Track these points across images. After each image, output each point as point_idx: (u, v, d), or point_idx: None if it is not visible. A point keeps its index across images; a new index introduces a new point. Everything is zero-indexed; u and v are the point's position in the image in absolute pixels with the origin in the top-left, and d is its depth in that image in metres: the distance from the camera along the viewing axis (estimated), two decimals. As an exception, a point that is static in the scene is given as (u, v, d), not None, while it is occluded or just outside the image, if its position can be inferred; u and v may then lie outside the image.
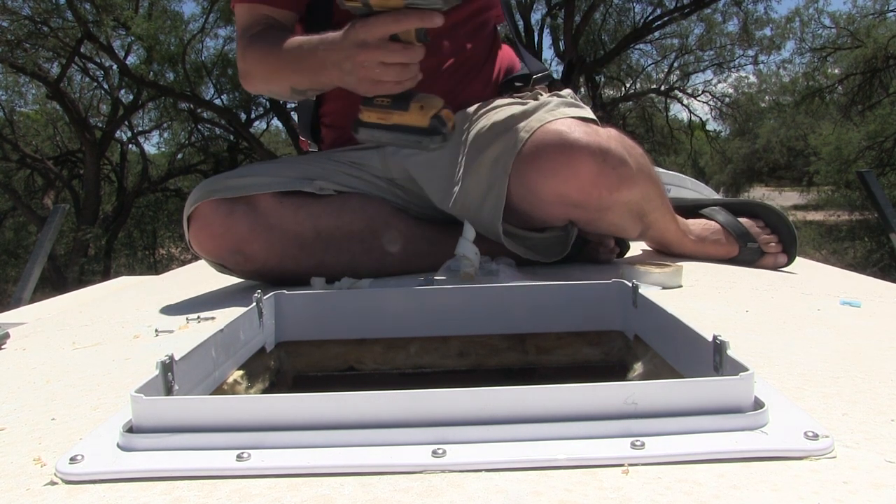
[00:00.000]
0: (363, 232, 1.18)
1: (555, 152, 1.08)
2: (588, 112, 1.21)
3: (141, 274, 7.71)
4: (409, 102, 1.02)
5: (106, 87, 10.67)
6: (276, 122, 11.86)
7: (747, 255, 1.32)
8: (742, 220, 1.34)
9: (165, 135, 12.40)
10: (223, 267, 1.18)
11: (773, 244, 1.34)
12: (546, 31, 11.08)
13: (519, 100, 1.25)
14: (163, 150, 13.24)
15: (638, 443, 0.43)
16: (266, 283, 1.21)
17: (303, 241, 1.14)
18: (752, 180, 19.81)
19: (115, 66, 9.90)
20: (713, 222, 1.34)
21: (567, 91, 1.29)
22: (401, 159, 1.24)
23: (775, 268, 1.34)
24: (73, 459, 0.44)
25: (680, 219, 1.29)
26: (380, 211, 1.22)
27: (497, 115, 1.20)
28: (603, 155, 1.07)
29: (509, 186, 1.13)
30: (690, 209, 1.37)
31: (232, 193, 1.13)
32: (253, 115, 11.13)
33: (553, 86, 1.38)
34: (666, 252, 1.34)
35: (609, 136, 1.10)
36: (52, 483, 0.43)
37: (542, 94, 1.27)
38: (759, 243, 1.33)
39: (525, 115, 1.16)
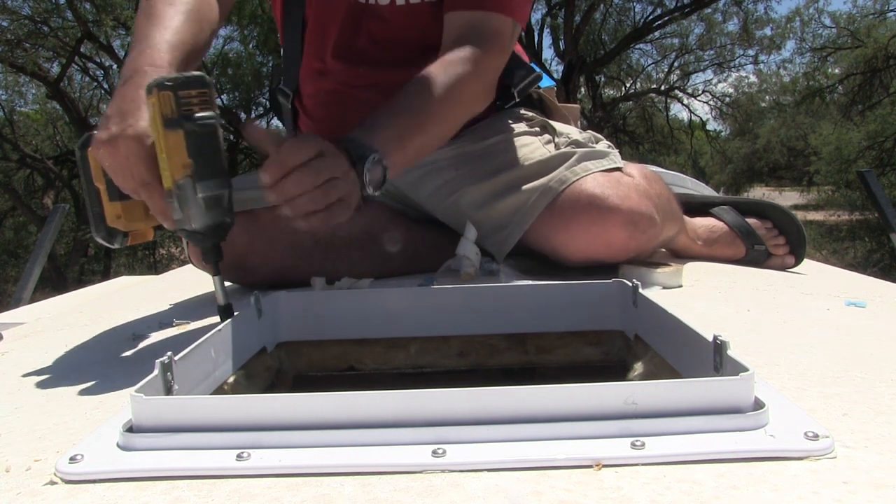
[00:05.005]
0: (362, 238, 1.17)
1: (587, 221, 1.06)
2: (603, 145, 1.17)
3: (141, 274, 7.70)
4: (129, 201, 0.88)
5: (106, 86, 10.66)
6: (276, 122, 11.86)
7: (754, 256, 1.32)
8: (750, 220, 1.33)
9: (165, 134, 12.38)
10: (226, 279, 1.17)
11: (781, 245, 1.33)
12: (546, 31, 11.08)
13: (527, 128, 1.21)
14: (163, 149, 13.22)
15: (638, 443, 0.43)
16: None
17: (301, 251, 1.12)
18: (752, 180, 19.81)
19: (115, 66, 9.89)
20: (720, 223, 1.33)
21: (574, 129, 1.23)
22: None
23: (783, 269, 1.33)
24: (73, 459, 0.44)
25: (688, 223, 1.28)
26: (378, 216, 1.21)
27: (513, 154, 1.16)
28: (635, 222, 1.05)
29: (528, 233, 1.10)
30: (699, 207, 1.37)
31: None
32: (253, 115, 11.13)
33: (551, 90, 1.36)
34: (672, 254, 1.34)
35: (639, 193, 1.08)
36: (52, 483, 0.43)
37: (548, 123, 1.22)
38: (766, 245, 1.32)
39: (543, 167, 1.11)
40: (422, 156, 1.02)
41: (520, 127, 1.22)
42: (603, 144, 1.19)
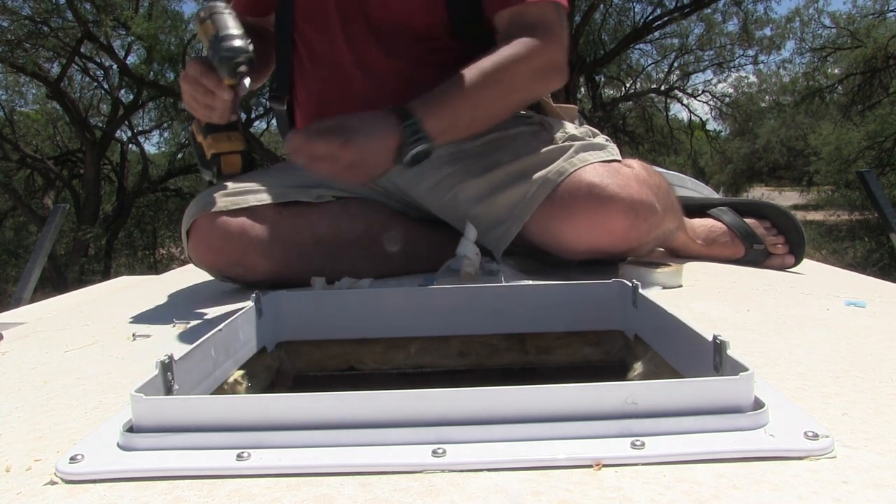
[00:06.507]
0: (362, 238, 1.17)
1: (586, 210, 1.06)
2: (601, 139, 1.17)
3: (141, 274, 7.70)
4: (215, 133, 1.16)
5: (106, 86, 10.67)
6: (276, 122, 11.83)
7: (753, 256, 1.32)
8: (749, 220, 1.33)
9: (165, 134, 12.39)
10: (224, 276, 1.18)
11: (780, 245, 1.33)
12: (546, 31, 11.03)
13: (525, 125, 1.21)
14: (163, 149, 13.22)
15: (638, 443, 0.43)
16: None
17: (302, 250, 1.13)
18: (752, 180, 19.82)
19: (115, 66, 9.90)
20: (719, 223, 1.34)
21: (570, 124, 1.24)
22: (388, 175, 1.24)
23: (782, 268, 1.33)
24: (73, 459, 0.44)
25: (687, 223, 1.28)
26: (378, 216, 1.20)
27: (511, 149, 1.16)
28: (636, 210, 1.05)
29: (529, 227, 1.10)
30: (697, 209, 1.37)
31: (230, 206, 1.13)
32: (253, 115, 11.12)
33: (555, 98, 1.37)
34: (671, 254, 1.34)
35: (638, 182, 1.08)
36: (52, 483, 0.43)
37: (545, 119, 1.22)
38: (765, 245, 1.32)
39: (541, 160, 1.12)
40: (473, 129, 1.12)
41: (517, 124, 1.23)
42: (600, 138, 1.19)
